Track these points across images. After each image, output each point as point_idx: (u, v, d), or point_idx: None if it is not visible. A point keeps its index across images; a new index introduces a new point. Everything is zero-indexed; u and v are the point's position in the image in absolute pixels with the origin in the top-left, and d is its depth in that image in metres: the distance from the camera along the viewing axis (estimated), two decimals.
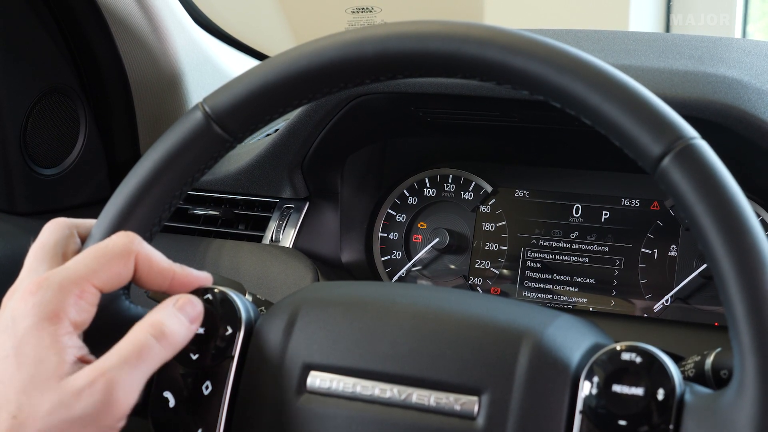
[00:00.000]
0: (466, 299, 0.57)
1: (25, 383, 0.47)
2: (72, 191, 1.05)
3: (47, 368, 0.47)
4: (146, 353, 0.49)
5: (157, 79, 1.07)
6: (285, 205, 0.98)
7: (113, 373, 0.47)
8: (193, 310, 0.53)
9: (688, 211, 0.46)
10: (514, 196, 0.96)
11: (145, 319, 0.51)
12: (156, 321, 0.50)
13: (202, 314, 0.53)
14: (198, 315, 0.53)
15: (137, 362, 0.49)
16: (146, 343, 0.49)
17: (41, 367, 0.47)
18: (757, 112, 0.74)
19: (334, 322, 0.54)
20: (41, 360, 0.47)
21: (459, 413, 0.51)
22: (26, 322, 0.48)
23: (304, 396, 0.53)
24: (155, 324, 0.50)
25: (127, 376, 0.48)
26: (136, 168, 0.54)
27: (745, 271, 0.44)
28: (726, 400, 0.46)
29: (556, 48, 0.49)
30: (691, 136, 0.47)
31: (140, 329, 0.50)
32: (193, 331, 0.53)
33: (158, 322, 0.50)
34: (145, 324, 0.50)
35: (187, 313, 0.52)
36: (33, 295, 0.48)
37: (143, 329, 0.50)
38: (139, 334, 0.50)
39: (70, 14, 1.00)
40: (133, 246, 0.52)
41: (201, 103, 0.54)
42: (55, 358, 0.47)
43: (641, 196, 0.91)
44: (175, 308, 0.52)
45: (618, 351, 0.49)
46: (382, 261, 0.99)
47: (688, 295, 0.88)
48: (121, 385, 0.47)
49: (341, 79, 0.52)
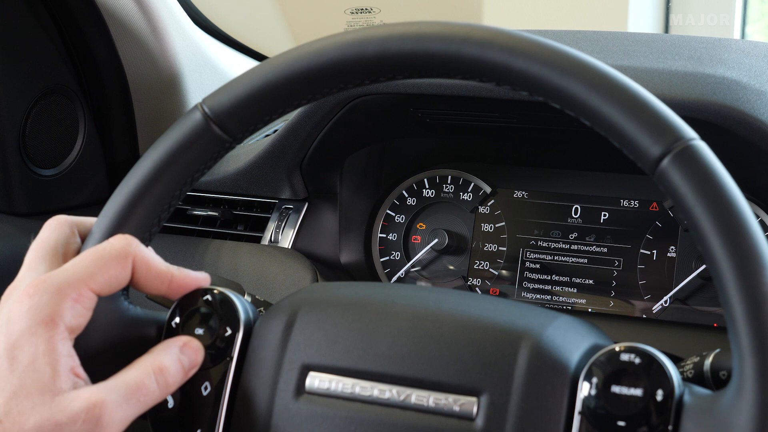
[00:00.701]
0: (465, 300, 0.57)
1: (16, 389, 0.47)
2: (71, 192, 1.05)
3: (41, 378, 0.47)
4: (144, 393, 0.49)
5: (156, 79, 1.07)
6: (284, 206, 0.98)
7: (111, 405, 0.48)
8: (195, 357, 0.53)
9: (687, 212, 0.46)
10: (513, 197, 0.96)
11: (149, 356, 0.51)
12: (161, 363, 0.51)
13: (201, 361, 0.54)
14: (197, 362, 0.53)
15: (135, 400, 0.49)
16: (147, 383, 0.50)
17: (34, 376, 0.47)
18: (756, 113, 0.74)
19: (333, 323, 0.54)
20: (35, 368, 0.47)
21: (458, 414, 0.51)
22: (21, 325, 0.48)
23: (303, 397, 0.53)
24: (159, 366, 0.51)
25: (122, 412, 0.48)
26: (136, 168, 0.54)
27: (744, 272, 0.44)
28: (725, 401, 0.46)
29: (556, 49, 0.49)
30: (690, 137, 0.47)
31: (144, 367, 0.50)
32: (188, 376, 0.53)
33: (162, 365, 0.51)
34: (150, 363, 0.51)
35: (190, 359, 0.53)
36: (30, 298, 0.48)
37: (147, 368, 0.50)
38: (142, 373, 0.50)
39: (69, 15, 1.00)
40: (130, 249, 0.51)
41: (200, 104, 0.54)
42: (49, 369, 0.47)
43: (640, 197, 0.92)
44: (179, 352, 0.52)
45: (617, 352, 0.49)
46: (381, 262, 0.99)
47: (687, 296, 0.88)
48: (114, 418, 0.48)
49: (340, 80, 0.52)
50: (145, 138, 1.10)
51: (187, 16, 1.13)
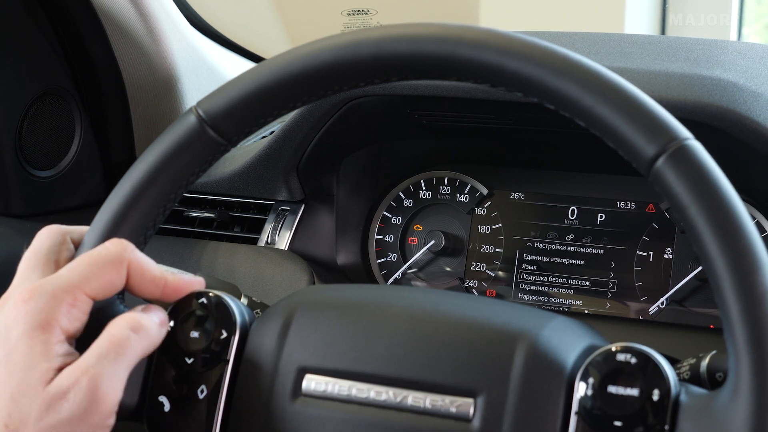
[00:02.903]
0: (462, 302, 0.57)
1: (13, 391, 0.47)
2: (67, 193, 1.05)
3: (35, 375, 0.47)
4: (125, 346, 0.50)
5: (153, 81, 1.07)
6: (280, 208, 0.97)
7: (95, 369, 0.48)
8: (162, 313, 0.54)
9: (683, 212, 0.46)
10: (509, 199, 0.96)
11: (120, 316, 0.52)
12: (131, 316, 0.51)
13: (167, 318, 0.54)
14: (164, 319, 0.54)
15: (117, 356, 0.49)
16: (124, 336, 0.50)
17: (30, 374, 0.47)
18: (752, 114, 0.74)
19: (330, 325, 0.54)
20: (30, 367, 0.47)
21: (455, 415, 0.51)
22: (18, 330, 0.48)
23: (300, 399, 0.53)
24: (130, 319, 0.51)
25: (109, 371, 0.48)
26: (130, 172, 0.54)
27: (740, 273, 0.44)
28: (721, 400, 0.46)
29: (550, 50, 0.49)
30: (684, 137, 0.47)
31: (116, 324, 0.51)
32: (163, 333, 0.53)
33: (133, 317, 0.51)
34: (121, 319, 0.51)
35: (157, 314, 0.53)
36: (25, 303, 0.48)
37: (120, 324, 0.51)
38: (115, 329, 0.50)
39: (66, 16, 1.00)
40: (125, 254, 0.52)
41: (195, 107, 0.54)
42: (45, 365, 0.47)
43: (636, 198, 0.92)
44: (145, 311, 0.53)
45: (613, 352, 0.50)
46: (377, 263, 0.99)
47: (683, 297, 0.88)
48: (104, 380, 0.48)
49: (336, 82, 0.52)
50: (142, 139, 1.09)
51: (183, 18, 1.13)
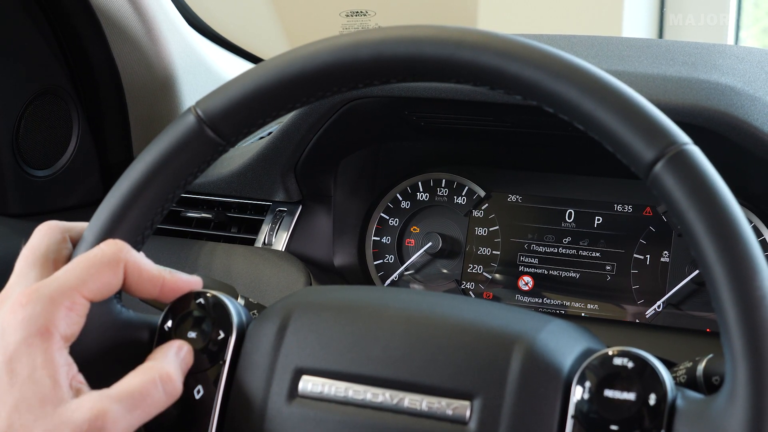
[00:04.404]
0: (459, 304, 0.57)
1: (17, 403, 0.46)
2: (64, 193, 1.05)
3: (41, 391, 0.46)
4: (151, 401, 0.49)
5: (151, 81, 1.07)
6: (278, 209, 0.97)
7: (115, 415, 0.47)
8: (190, 359, 0.53)
9: (681, 216, 0.46)
10: (507, 201, 0.96)
11: (153, 364, 0.51)
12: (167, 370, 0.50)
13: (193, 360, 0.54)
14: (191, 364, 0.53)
15: (140, 410, 0.48)
16: (154, 391, 0.49)
17: (35, 389, 0.46)
18: (749, 119, 0.75)
19: (326, 327, 0.54)
20: (34, 380, 0.46)
21: (451, 418, 0.50)
22: (17, 337, 0.47)
23: (296, 400, 0.53)
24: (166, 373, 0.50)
25: (127, 422, 0.48)
26: (128, 171, 0.54)
27: (737, 277, 0.44)
28: (718, 405, 0.46)
29: (549, 53, 0.49)
30: (683, 142, 0.47)
31: (150, 375, 0.50)
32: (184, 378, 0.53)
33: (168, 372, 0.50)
34: (156, 371, 0.50)
35: (186, 363, 0.53)
36: (23, 308, 0.48)
37: (153, 376, 0.50)
38: (148, 381, 0.49)
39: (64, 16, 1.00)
40: (122, 255, 0.51)
41: (194, 107, 0.54)
42: (49, 380, 0.47)
43: (634, 201, 0.92)
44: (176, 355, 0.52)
45: (610, 356, 0.49)
46: (374, 265, 0.99)
47: (680, 301, 0.88)
48: (117, 428, 0.47)
49: (335, 83, 0.52)
50: (139, 139, 1.09)
51: (182, 18, 1.13)
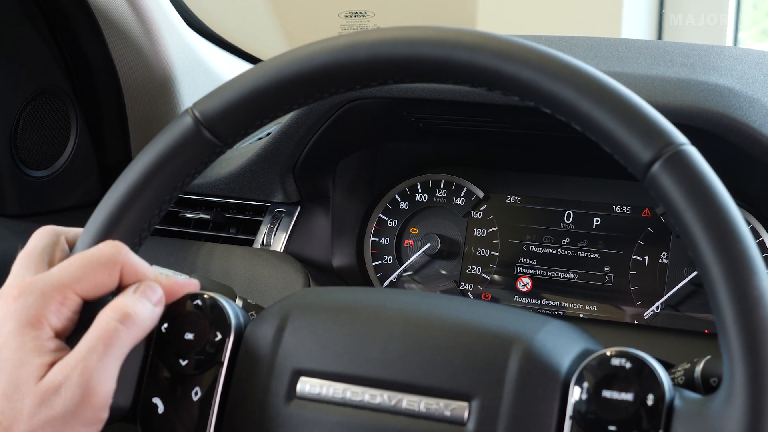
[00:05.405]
0: (457, 305, 0.57)
1: (5, 387, 0.47)
2: (62, 193, 1.05)
3: (27, 371, 0.47)
4: (114, 338, 0.49)
5: (149, 81, 1.07)
6: (276, 209, 0.97)
7: (85, 362, 0.48)
8: (155, 294, 0.53)
9: (678, 217, 0.46)
10: (505, 202, 0.96)
11: (107, 306, 0.51)
12: (118, 305, 0.51)
13: (164, 297, 0.53)
14: (160, 298, 0.53)
15: (107, 348, 0.49)
16: (112, 327, 0.49)
17: (21, 370, 0.47)
18: (747, 120, 0.75)
19: (325, 328, 0.54)
20: (22, 363, 0.47)
21: (449, 419, 0.50)
22: (8, 327, 0.48)
23: (294, 402, 0.53)
24: (118, 308, 0.50)
25: (100, 364, 0.48)
26: (126, 173, 0.54)
27: (734, 278, 0.44)
28: (715, 405, 0.46)
29: (547, 54, 0.49)
30: (680, 143, 0.47)
31: (104, 316, 0.50)
32: (158, 314, 0.53)
33: (121, 306, 0.51)
34: (108, 310, 0.50)
35: (149, 297, 0.52)
36: (15, 300, 0.49)
37: (106, 315, 0.50)
38: (103, 321, 0.50)
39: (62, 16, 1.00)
40: (119, 256, 0.51)
41: (191, 109, 0.54)
42: (37, 360, 0.48)
43: (632, 203, 0.92)
44: (136, 293, 0.52)
45: (608, 356, 0.49)
46: (373, 266, 0.99)
47: (678, 302, 0.88)
48: (94, 373, 0.48)
49: (332, 84, 0.52)
50: (138, 140, 1.09)
51: (180, 18, 1.13)
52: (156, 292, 0.53)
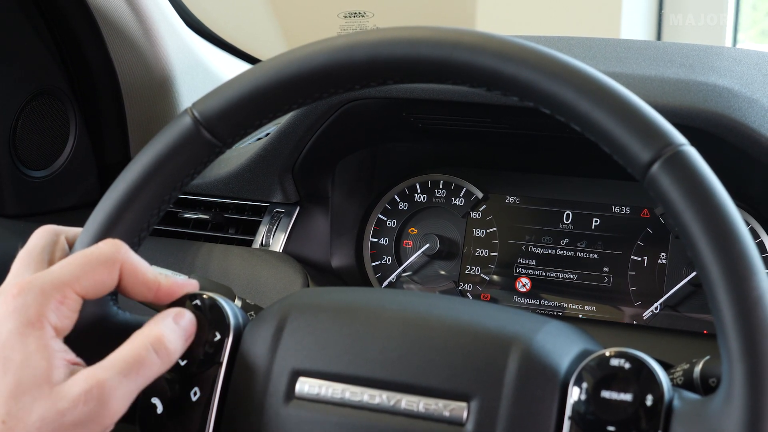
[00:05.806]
0: (456, 305, 0.57)
1: (12, 388, 0.47)
2: (61, 194, 1.04)
3: (36, 373, 0.47)
4: (146, 366, 0.49)
5: (148, 82, 1.07)
6: (275, 210, 0.97)
7: (111, 383, 0.47)
8: (190, 325, 0.53)
9: (677, 217, 0.46)
10: (504, 203, 0.96)
11: (144, 330, 0.51)
12: (158, 335, 0.51)
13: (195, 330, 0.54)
14: (193, 330, 0.53)
15: (136, 375, 0.49)
16: (146, 356, 0.49)
17: (29, 372, 0.47)
18: (747, 120, 0.75)
19: (324, 328, 0.54)
20: (28, 364, 0.47)
21: (448, 419, 0.50)
22: (8, 326, 0.48)
23: (293, 402, 0.53)
24: (157, 338, 0.50)
25: (124, 388, 0.48)
26: (125, 173, 0.54)
27: (733, 278, 0.44)
28: (714, 406, 0.46)
29: (546, 55, 0.49)
30: (680, 143, 0.47)
31: (141, 341, 0.50)
32: (186, 346, 0.53)
33: (159, 335, 0.51)
34: (146, 336, 0.50)
35: (184, 328, 0.53)
36: (14, 299, 0.48)
37: (144, 341, 0.50)
38: (139, 346, 0.50)
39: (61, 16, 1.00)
40: (119, 255, 0.51)
41: (190, 109, 0.54)
42: (44, 362, 0.47)
43: (631, 203, 0.92)
44: (176, 324, 0.52)
45: (607, 357, 0.50)
46: (372, 266, 0.99)
47: (677, 302, 0.88)
48: (116, 395, 0.48)
49: (331, 85, 0.52)
50: (137, 140, 1.09)
51: (179, 19, 1.13)
52: (191, 323, 0.53)
